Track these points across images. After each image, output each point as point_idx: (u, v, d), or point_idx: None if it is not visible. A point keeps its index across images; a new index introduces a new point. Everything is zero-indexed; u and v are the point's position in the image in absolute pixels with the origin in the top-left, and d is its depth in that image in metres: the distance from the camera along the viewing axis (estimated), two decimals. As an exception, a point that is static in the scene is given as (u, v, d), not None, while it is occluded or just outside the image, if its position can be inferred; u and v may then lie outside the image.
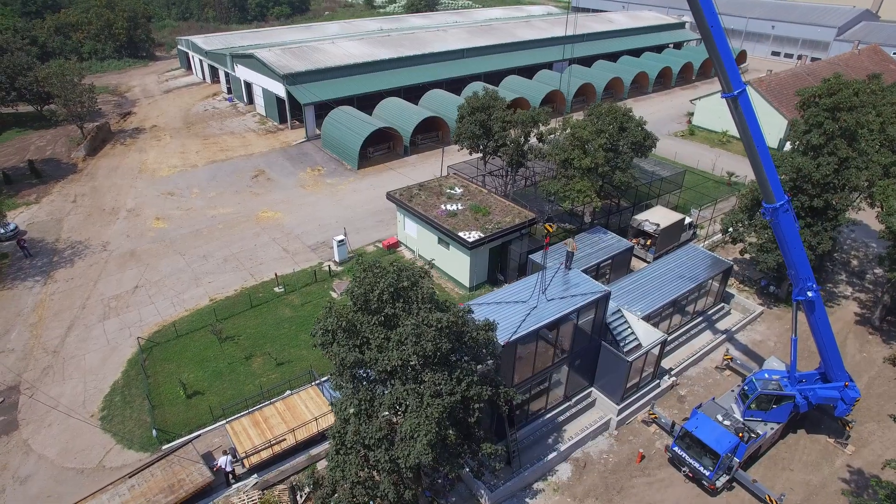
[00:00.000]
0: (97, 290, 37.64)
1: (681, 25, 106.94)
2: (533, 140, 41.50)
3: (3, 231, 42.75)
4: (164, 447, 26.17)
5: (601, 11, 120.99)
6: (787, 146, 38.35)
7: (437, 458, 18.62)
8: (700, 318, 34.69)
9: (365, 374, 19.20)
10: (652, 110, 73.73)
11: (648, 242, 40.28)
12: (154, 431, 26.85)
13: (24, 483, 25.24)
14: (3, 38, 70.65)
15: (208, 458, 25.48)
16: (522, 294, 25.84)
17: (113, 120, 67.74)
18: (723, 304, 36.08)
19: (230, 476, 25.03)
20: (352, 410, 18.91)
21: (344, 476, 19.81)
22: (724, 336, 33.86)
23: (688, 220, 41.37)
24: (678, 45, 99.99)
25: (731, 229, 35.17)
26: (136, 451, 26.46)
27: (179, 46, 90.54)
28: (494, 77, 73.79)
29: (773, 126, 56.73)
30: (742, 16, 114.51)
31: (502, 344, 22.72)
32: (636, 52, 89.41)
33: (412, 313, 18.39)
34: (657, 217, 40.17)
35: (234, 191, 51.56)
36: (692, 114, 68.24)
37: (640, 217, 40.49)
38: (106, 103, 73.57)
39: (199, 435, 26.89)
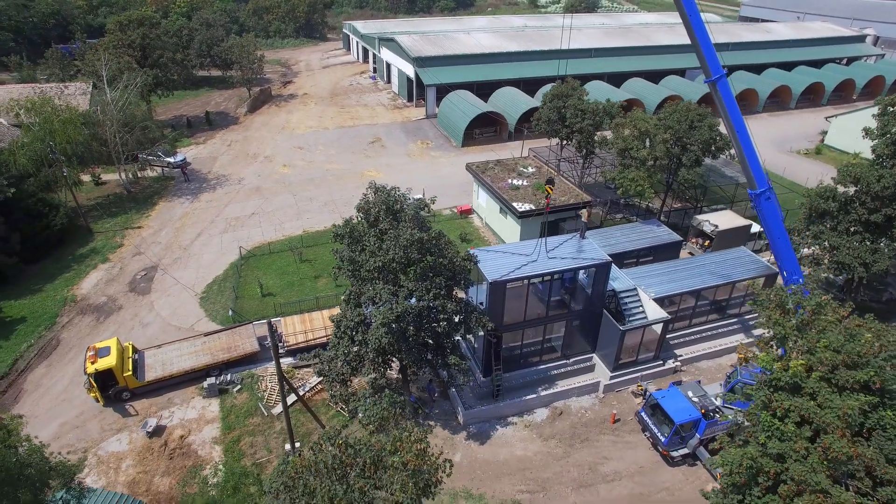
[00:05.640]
0: (225, 212, 47.40)
1: (859, 39, 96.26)
2: (608, 133, 43.28)
3: (174, 160, 54.84)
4: (234, 324, 33.80)
5: (767, 21, 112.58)
6: None
7: (397, 347, 23.19)
8: (735, 320, 34.54)
9: (359, 273, 24.27)
10: (785, 126, 69.27)
11: (707, 243, 40.19)
12: (231, 312, 34.74)
13: (144, 327, 34.51)
14: (214, 16, 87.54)
15: (262, 339, 32.53)
16: (528, 249, 29.02)
17: (275, 86, 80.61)
18: (767, 312, 35.29)
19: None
20: (343, 298, 24.18)
21: (336, 355, 25.22)
22: (754, 340, 33.46)
23: (755, 227, 40.32)
24: (852, 60, 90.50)
25: (786, 238, 34.32)
26: (216, 323, 34.52)
27: (344, 30, 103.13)
28: (618, 78, 74.31)
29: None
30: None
31: (490, 281, 26.39)
32: (789, 66, 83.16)
33: (398, 228, 23.06)
34: (719, 219, 39.89)
35: (350, 151, 59.75)
36: (826, 132, 63.02)
37: (701, 217, 40.52)
38: (274, 72, 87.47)
39: (260, 321, 34.12)
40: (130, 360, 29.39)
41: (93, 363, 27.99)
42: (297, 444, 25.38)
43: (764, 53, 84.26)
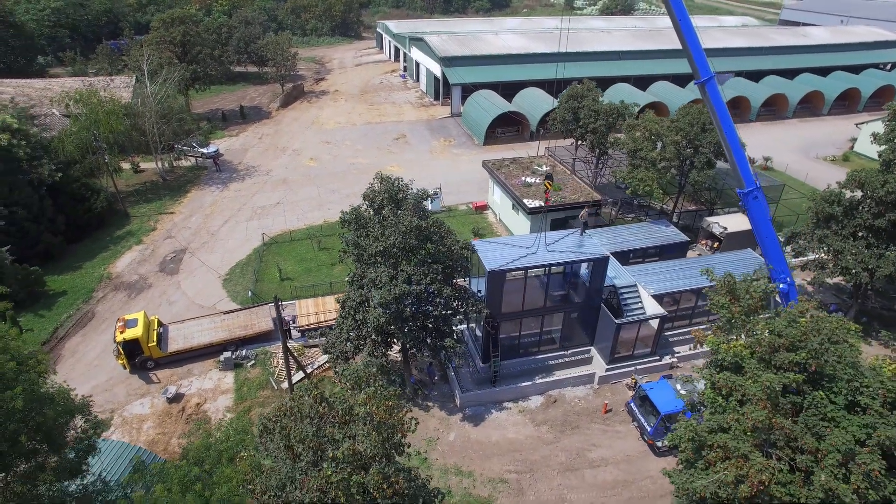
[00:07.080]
0: (252, 201, 49.93)
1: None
2: (622, 135, 43.93)
3: (207, 151, 57.81)
4: (252, 304, 35.98)
5: (808, 25, 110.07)
6: None
7: (395, 327, 24.73)
8: (737, 321, 34.86)
9: (363, 256, 25.91)
10: (815, 133, 68.17)
11: (716, 245, 40.50)
12: (250, 293, 36.97)
13: (170, 305, 37.04)
14: (253, 14, 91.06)
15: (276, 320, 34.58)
16: (528, 242, 30.16)
17: (308, 83, 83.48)
18: (771, 314, 35.53)
19: (289, 332, 33.80)
20: (347, 279, 25.86)
21: (341, 334, 26.95)
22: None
23: (767, 231, 40.36)
24: None
25: (792, 243, 34.54)
26: (237, 303, 36.79)
27: (377, 29, 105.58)
28: (645, 81, 74.38)
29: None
30: None
31: (489, 270, 27.68)
32: (825, 71, 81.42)
33: (398, 215, 24.62)
34: (729, 222, 40.14)
35: (375, 147, 61.75)
36: (856, 139, 61.87)
37: (711, 219, 40.83)
38: (308, 69, 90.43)
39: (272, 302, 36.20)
40: (156, 332, 31.80)
41: (121, 333, 30.48)
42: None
43: (798, 58, 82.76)
